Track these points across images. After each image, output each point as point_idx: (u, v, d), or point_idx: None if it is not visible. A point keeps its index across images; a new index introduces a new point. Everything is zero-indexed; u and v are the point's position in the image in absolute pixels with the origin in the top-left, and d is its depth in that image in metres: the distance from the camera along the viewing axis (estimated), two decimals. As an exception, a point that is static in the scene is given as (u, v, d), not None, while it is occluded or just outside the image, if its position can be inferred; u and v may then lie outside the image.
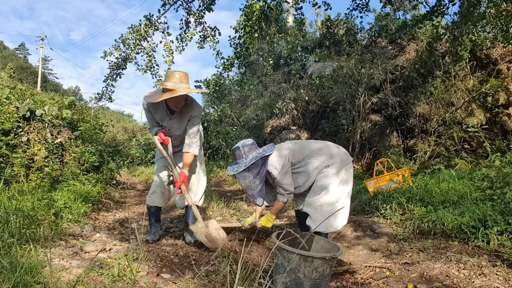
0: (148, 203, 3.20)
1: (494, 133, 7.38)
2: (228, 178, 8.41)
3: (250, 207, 4.98)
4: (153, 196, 3.17)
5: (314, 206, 2.70)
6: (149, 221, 3.22)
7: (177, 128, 3.05)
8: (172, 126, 3.04)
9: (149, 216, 3.21)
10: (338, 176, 2.73)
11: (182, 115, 3.00)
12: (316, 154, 2.80)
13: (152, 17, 8.20)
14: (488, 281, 2.08)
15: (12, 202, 2.86)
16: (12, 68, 11.69)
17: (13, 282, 1.62)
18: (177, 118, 3.01)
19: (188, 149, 2.98)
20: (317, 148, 2.86)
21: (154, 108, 2.96)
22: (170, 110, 2.97)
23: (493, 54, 8.00)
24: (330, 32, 10.98)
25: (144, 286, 1.97)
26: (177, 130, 3.06)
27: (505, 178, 3.37)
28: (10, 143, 4.58)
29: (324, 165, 2.75)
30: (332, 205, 2.68)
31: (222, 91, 11.19)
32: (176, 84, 2.75)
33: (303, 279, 1.85)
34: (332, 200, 2.69)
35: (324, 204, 2.69)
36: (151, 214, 3.20)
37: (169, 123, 3.03)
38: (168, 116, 3.00)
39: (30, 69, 37.49)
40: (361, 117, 7.94)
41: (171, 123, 3.03)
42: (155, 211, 3.20)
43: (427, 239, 2.89)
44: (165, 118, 3.02)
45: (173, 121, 3.02)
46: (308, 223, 2.70)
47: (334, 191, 2.70)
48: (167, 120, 3.02)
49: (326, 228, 2.67)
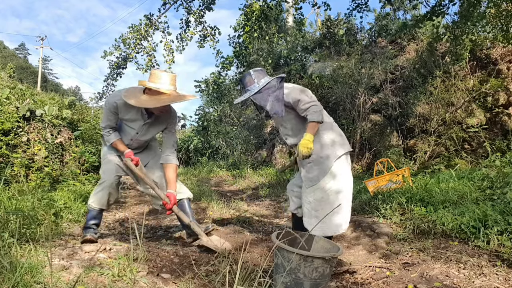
0: (91, 204, 2.81)
1: (494, 133, 7.38)
2: (228, 178, 8.42)
3: (250, 207, 4.99)
4: (99, 196, 2.80)
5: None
6: (87, 223, 2.78)
7: (147, 134, 2.77)
8: (143, 131, 2.73)
9: (88, 218, 2.79)
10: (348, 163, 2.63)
11: (159, 120, 2.73)
12: (331, 128, 2.62)
13: (152, 17, 8.21)
14: (488, 281, 2.08)
15: (12, 202, 2.86)
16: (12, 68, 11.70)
17: (13, 282, 1.62)
18: (152, 123, 2.72)
19: (169, 160, 2.73)
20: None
21: (126, 108, 2.62)
22: (148, 113, 2.66)
23: (493, 54, 8.01)
24: (330, 32, 10.99)
25: (144, 286, 1.97)
26: (146, 136, 2.78)
27: (505, 178, 3.37)
28: (10, 143, 4.58)
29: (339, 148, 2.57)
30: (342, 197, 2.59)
31: (221, 91, 11.18)
32: (168, 86, 2.48)
33: (303, 279, 1.85)
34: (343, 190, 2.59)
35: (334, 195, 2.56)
36: (92, 217, 2.79)
37: (140, 127, 2.71)
38: (142, 119, 2.68)
39: (30, 69, 37.55)
40: (361, 117, 7.94)
41: (143, 128, 2.72)
42: (97, 213, 2.83)
43: (427, 239, 2.89)
44: (137, 121, 2.69)
45: (146, 126, 2.72)
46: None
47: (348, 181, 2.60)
48: (139, 124, 2.69)
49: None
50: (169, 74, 2.55)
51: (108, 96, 2.79)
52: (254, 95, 2.56)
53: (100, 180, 2.87)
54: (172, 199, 2.67)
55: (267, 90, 2.55)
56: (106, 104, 2.69)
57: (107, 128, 2.74)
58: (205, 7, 7.98)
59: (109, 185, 2.81)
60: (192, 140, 11.53)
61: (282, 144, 9.89)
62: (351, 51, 9.62)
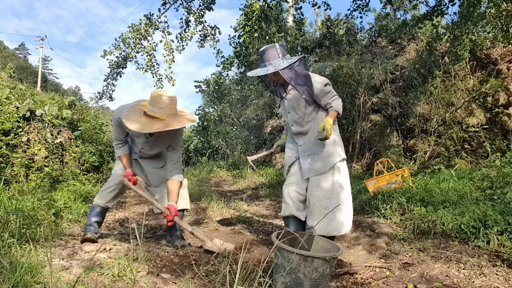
0: (96, 201, 2.85)
1: (494, 133, 7.38)
2: (228, 178, 8.42)
3: (250, 207, 4.99)
4: (105, 193, 2.85)
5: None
6: (88, 221, 2.81)
7: (152, 149, 2.83)
8: (147, 147, 2.81)
9: (91, 215, 2.82)
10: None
11: (162, 138, 2.76)
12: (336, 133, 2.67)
13: (152, 16, 8.21)
14: (488, 281, 2.08)
15: (12, 202, 2.86)
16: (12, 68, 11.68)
17: (13, 282, 1.62)
18: (155, 140, 2.76)
19: (173, 176, 2.76)
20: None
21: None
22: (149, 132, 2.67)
23: (493, 54, 8.01)
24: (330, 32, 10.98)
25: (144, 286, 1.97)
26: (152, 151, 2.84)
27: (505, 178, 3.38)
28: (10, 143, 4.58)
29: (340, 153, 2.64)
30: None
31: (222, 91, 11.19)
32: (164, 110, 2.48)
33: (303, 279, 1.85)
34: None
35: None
36: (96, 213, 2.83)
37: (144, 144, 2.79)
38: (144, 136, 2.74)
39: (30, 69, 37.53)
40: (361, 117, 7.94)
41: (147, 144, 2.79)
42: (101, 211, 2.87)
43: (427, 239, 2.89)
44: (140, 137, 2.76)
45: (148, 143, 2.78)
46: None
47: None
48: (142, 140, 2.77)
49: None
50: (168, 97, 2.53)
51: (115, 110, 2.81)
52: (283, 69, 2.43)
53: (110, 178, 2.94)
54: (173, 211, 2.69)
55: (297, 68, 2.46)
56: (113, 118, 2.79)
57: (116, 140, 2.83)
58: (205, 7, 7.98)
59: (116, 183, 2.87)
60: (192, 140, 11.54)
61: (282, 144, 9.88)
62: (351, 51, 9.62)
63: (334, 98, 2.60)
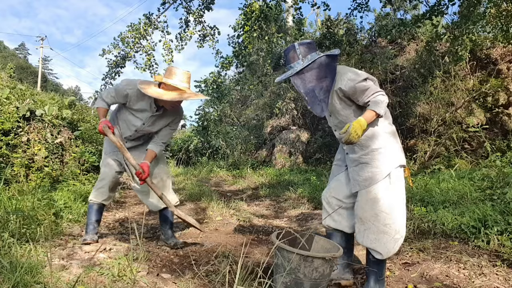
0: (92, 199, 2.86)
1: (494, 133, 7.39)
2: (228, 178, 8.41)
3: (250, 207, 4.99)
4: (100, 191, 2.85)
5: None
6: (88, 220, 2.84)
7: (153, 126, 2.80)
8: (150, 122, 2.78)
9: (90, 214, 2.85)
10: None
11: (166, 115, 2.78)
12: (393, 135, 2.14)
13: (151, 16, 8.20)
14: (488, 281, 2.08)
15: (12, 202, 2.86)
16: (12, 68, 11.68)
17: (13, 282, 1.62)
18: (159, 116, 2.77)
19: (153, 147, 2.76)
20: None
21: (136, 98, 2.66)
22: (157, 106, 2.70)
23: (493, 54, 8.01)
24: (330, 32, 10.97)
25: (144, 286, 1.97)
26: (152, 128, 2.81)
27: (505, 178, 3.37)
28: (10, 143, 4.58)
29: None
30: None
31: (221, 91, 11.19)
32: (182, 83, 2.56)
33: (303, 279, 1.85)
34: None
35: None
36: (95, 212, 2.85)
37: (147, 119, 2.75)
38: (151, 111, 2.71)
39: (30, 69, 37.53)
40: (361, 117, 7.93)
41: (151, 120, 2.76)
42: (98, 208, 2.88)
43: (427, 239, 2.89)
44: (145, 112, 2.73)
45: (153, 118, 2.76)
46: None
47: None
48: (147, 115, 2.74)
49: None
50: (184, 72, 2.62)
51: (122, 81, 2.78)
52: (294, 75, 2.05)
53: (101, 175, 2.91)
54: (146, 169, 2.62)
55: (312, 72, 2.03)
56: (117, 88, 2.71)
57: (104, 101, 2.74)
58: (205, 7, 7.98)
59: (110, 180, 2.86)
60: (192, 140, 11.53)
61: (282, 144, 9.89)
62: (351, 51, 9.62)
63: (374, 95, 2.03)
